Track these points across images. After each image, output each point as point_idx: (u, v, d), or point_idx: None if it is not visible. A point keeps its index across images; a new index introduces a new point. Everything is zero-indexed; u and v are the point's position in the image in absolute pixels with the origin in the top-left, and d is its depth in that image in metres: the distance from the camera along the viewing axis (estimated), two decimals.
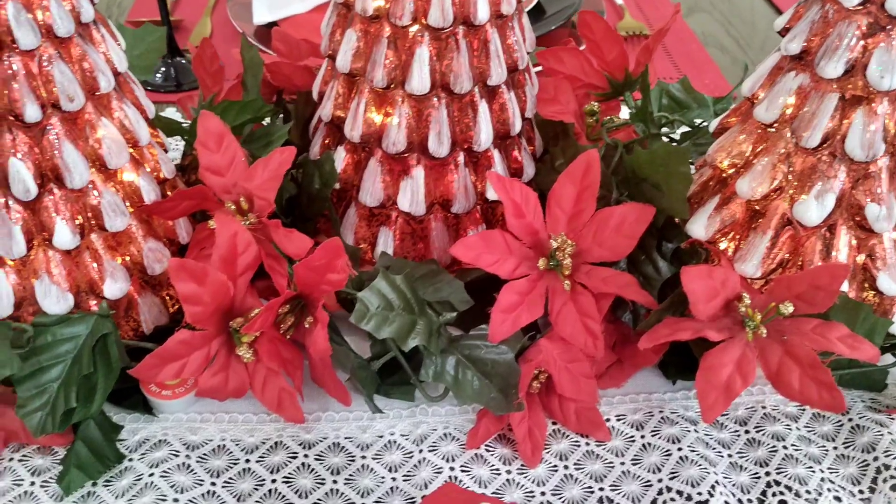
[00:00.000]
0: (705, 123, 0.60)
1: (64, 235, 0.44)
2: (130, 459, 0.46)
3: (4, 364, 0.42)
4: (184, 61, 0.78)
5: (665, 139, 0.58)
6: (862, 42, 0.42)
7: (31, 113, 0.41)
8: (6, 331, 0.44)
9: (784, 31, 0.46)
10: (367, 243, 0.56)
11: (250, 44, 0.57)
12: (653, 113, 0.57)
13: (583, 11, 0.57)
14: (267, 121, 0.59)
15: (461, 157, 0.52)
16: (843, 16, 0.42)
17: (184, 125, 0.56)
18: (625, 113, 0.64)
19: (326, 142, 0.56)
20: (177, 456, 0.46)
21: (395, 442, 0.48)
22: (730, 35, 0.92)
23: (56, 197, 0.44)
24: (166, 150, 0.51)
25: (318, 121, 0.57)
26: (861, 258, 0.47)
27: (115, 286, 0.47)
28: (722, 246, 0.50)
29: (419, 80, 0.49)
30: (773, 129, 0.46)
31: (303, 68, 0.59)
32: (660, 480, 0.46)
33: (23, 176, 0.42)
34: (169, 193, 0.50)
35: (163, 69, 0.78)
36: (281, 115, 0.61)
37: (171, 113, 0.74)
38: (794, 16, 0.46)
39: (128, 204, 0.47)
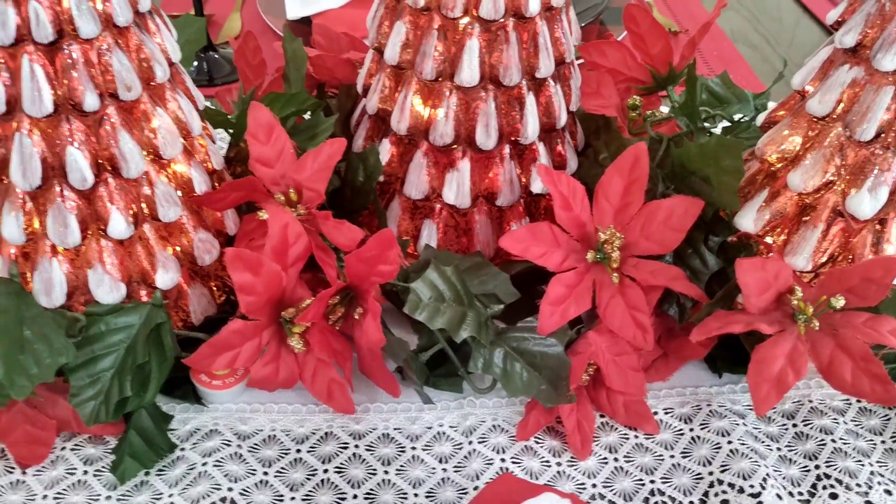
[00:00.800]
0: (746, 118, 0.60)
1: (119, 225, 0.44)
2: (182, 449, 0.46)
3: (61, 352, 0.42)
4: (216, 55, 0.79)
5: (708, 134, 0.58)
6: None
7: (90, 102, 0.41)
8: (61, 319, 0.44)
9: (837, 25, 0.46)
10: (409, 236, 0.56)
11: (293, 37, 0.57)
12: (696, 102, 0.57)
13: (629, 4, 0.57)
14: (308, 115, 0.59)
15: (507, 150, 0.52)
16: None
17: (229, 117, 0.56)
18: (664, 107, 0.64)
19: (370, 135, 0.56)
20: (228, 445, 0.46)
21: (444, 433, 0.48)
22: (758, 32, 0.92)
23: (111, 186, 0.44)
24: (214, 141, 0.51)
25: (361, 113, 0.57)
26: None
27: (166, 276, 0.47)
28: (769, 240, 0.50)
29: (469, 72, 0.49)
30: (826, 123, 0.46)
31: (345, 61, 0.59)
32: (710, 473, 0.46)
33: (80, 165, 0.42)
34: (217, 185, 0.50)
35: (195, 63, 0.78)
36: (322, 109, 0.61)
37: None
38: (847, 9, 0.46)
39: (179, 194, 0.47)
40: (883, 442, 0.48)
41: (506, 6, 0.47)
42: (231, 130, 0.56)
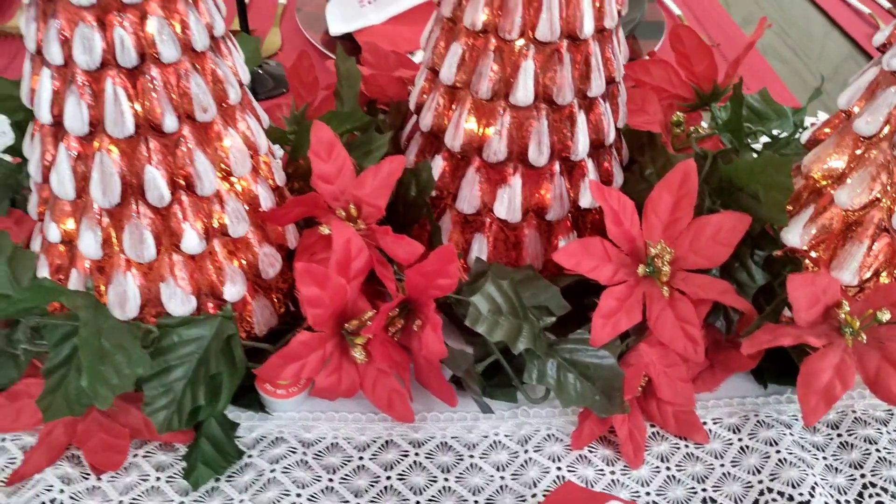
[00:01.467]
0: (785, 134, 0.62)
1: (192, 240, 0.46)
2: (250, 456, 0.48)
3: (138, 362, 0.44)
4: (260, 70, 0.80)
5: (752, 151, 0.60)
6: None
7: (169, 123, 0.43)
8: (136, 331, 0.46)
9: (883, 48, 0.48)
10: (460, 249, 0.58)
11: (346, 56, 0.59)
12: (738, 122, 0.58)
13: (676, 25, 0.59)
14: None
15: (557, 167, 0.54)
16: None
17: (287, 131, 0.58)
18: (704, 122, 0.66)
19: (423, 150, 0.57)
20: (294, 453, 0.48)
21: (500, 442, 0.49)
22: (787, 46, 0.93)
23: (185, 204, 0.46)
24: (275, 157, 0.53)
25: (413, 129, 0.59)
26: None
27: (234, 289, 0.49)
28: (814, 255, 0.52)
29: (524, 92, 0.50)
30: (872, 142, 0.48)
31: (397, 79, 0.61)
32: (760, 482, 0.47)
33: (158, 183, 0.44)
34: (279, 200, 0.52)
35: None
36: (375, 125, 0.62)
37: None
38: (893, 32, 0.47)
39: (246, 208, 0.49)
40: None
41: (561, 28, 0.49)
42: (289, 146, 0.58)
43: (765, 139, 0.63)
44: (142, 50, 0.41)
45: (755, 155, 0.63)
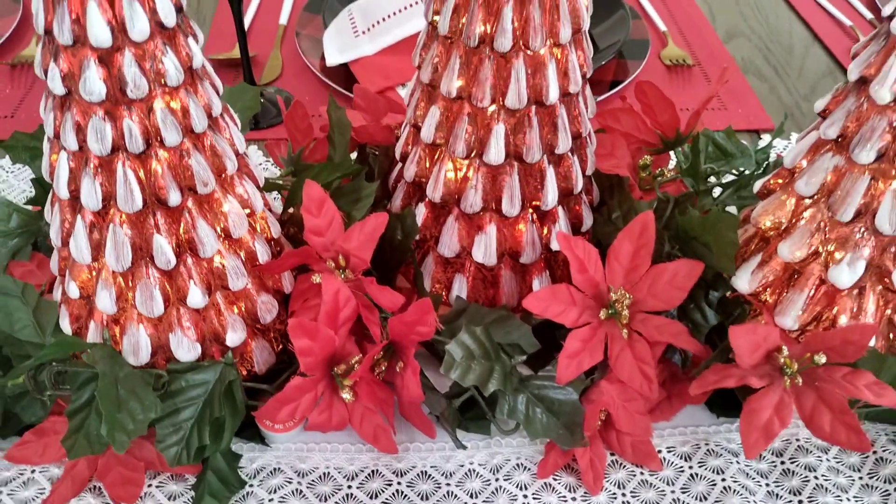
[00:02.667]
0: (748, 172, 0.66)
1: (196, 297, 0.51)
2: (251, 485, 0.54)
3: (150, 408, 0.50)
4: (262, 99, 0.85)
5: (713, 193, 0.64)
6: (891, 134, 0.48)
7: (174, 198, 0.48)
8: (148, 377, 0.51)
9: (824, 113, 0.52)
10: (441, 285, 0.63)
11: (338, 106, 0.64)
12: (701, 165, 0.63)
13: (640, 81, 0.63)
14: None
15: (529, 215, 0.59)
16: (876, 110, 0.48)
17: (282, 182, 0.63)
18: (673, 163, 0.70)
19: (407, 197, 0.62)
20: (290, 483, 0.54)
21: (474, 471, 0.55)
22: (768, 62, 0.97)
23: (189, 265, 0.51)
24: (271, 210, 0.58)
25: (398, 176, 0.64)
26: (888, 313, 0.53)
27: (235, 336, 0.54)
28: (766, 295, 0.56)
29: (496, 152, 0.55)
30: (812, 201, 0.52)
31: (385, 127, 0.65)
32: None
33: (164, 250, 0.49)
34: (275, 249, 0.58)
35: None
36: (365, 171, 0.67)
37: (253, 151, 0.81)
38: (832, 100, 0.52)
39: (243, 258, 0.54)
40: (860, 478, 0.55)
41: (529, 96, 0.54)
42: (284, 195, 0.63)
43: (730, 176, 0.68)
44: (148, 137, 0.47)
45: (716, 193, 0.68)
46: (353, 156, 0.69)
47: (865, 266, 0.51)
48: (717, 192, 0.69)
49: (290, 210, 0.63)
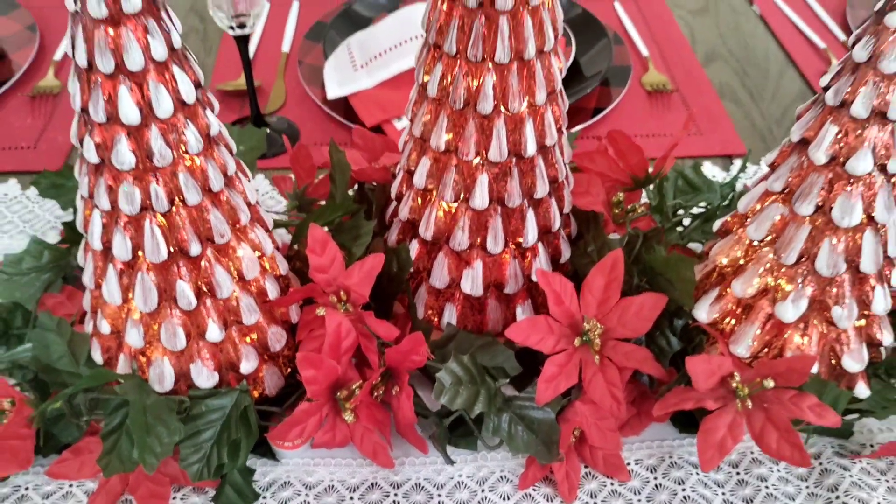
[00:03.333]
0: (712, 206, 0.73)
1: (214, 332, 0.58)
2: (264, 497, 0.60)
3: (175, 432, 0.57)
4: (269, 130, 0.91)
5: (683, 223, 0.71)
6: (827, 190, 0.54)
7: (194, 249, 0.55)
8: (172, 404, 0.58)
9: (772, 166, 0.58)
10: (434, 311, 0.70)
11: (339, 149, 0.70)
12: (667, 204, 0.69)
13: (611, 130, 0.69)
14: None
15: (512, 251, 0.65)
16: (814, 169, 0.54)
17: (288, 220, 0.70)
18: (645, 198, 0.76)
19: (402, 232, 0.69)
20: (299, 495, 0.61)
21: (462, 483, 0.62)
22: (744, 86, 1.03)
23: (208, 305, 0.58)
24: (279, 248, 0.65)
25: (394, 213, 0.70)
26: (829, 344, 0.60)
27: (248, 364, 0.61)
28: (721, 326, 0.63)
29: (480, 198, 0.62)
30: (761, 245, 0.59)
31: (381, 169, 0.72)
32: None
33: (186, 294, 0.56)
34: (284, 285, 0.64)
35: None
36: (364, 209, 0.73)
37: (260, 180, 0.87)
38: (780, 154, 0.58)
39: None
40: (807, 487, 0.62)
41: (509, 150, 0.60)
42: (290, 232, 0.70)
43: (698, 208, 0.74)
44: (172, 197, 0.53)
45: (687, 221, 0.74)
46: (355, 188, 0.75)
47: (808, 303, 0.57)
48: (688, 220, 0.75)
49: (296, 246, 0.69)
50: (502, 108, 0.58)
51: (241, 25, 0.82)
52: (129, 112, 0.49)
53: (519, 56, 0.56)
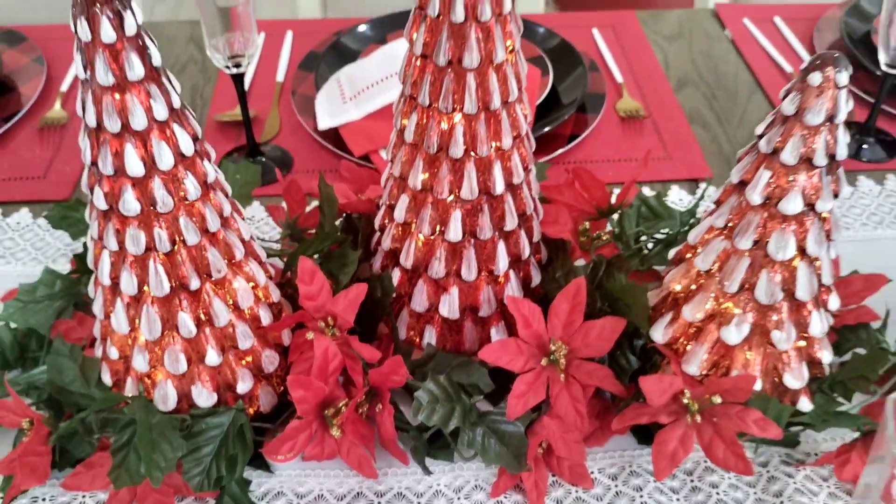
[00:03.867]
0: (672, 233, 0.79)
1: (213, 357, 0.64)
2: None
3: (178, 448, 0.63)
4: (263, 159, 0.97)
5: (648, 246, 0.77)
6: (763, 228, 0.60)
7: (194, 284, 0.61)
8: (175, 422, 0.64)
9: (717, 203, 0.64)
10: (415, 332, 0.76)
11: (327, 184, 0.76)
12: (627, 233, 0.75)
13: (575, 167, 0.75)
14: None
15: (485, 278, 0.71)
16: (752, 209, 0.60)
17: (280, 250, 0.76)
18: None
19: (385, 260, 0.75)
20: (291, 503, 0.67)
21: (440, 491, 0.68)
22: (713, 110, 1.09)
23: (207, 333, 0.64)
24: (272, 277, 0.71)
25: (377, 242, 0.76)
26: (771, 364, 0.66)
27: (244, 385, 0.67)
28: (676, 346, 0.69)
29: (454, 232, 0.68)
30: (708, 275, 0.65)
31: (367, 202, 0.78)
32: None
33: (187, 324, 0.62)
34: (276, 311, 0.70)
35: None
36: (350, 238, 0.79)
37: (256, 207, 0.94)
38: (723, 193, 0.64)
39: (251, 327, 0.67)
40: (755, 493, 0.68)
41: (479, 189, 0.66)
42: (284, 260, 0.76)
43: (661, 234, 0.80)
44: (173, 239, 0.59)
45: (647, 249, 0.80)
46: (343, 216, 0.81)
47: (750, 328, 0.63)
48: (653, 244, 0.81)
49: (289, 274, 0.75)
50: (472, 153, 0.64)
51: (237, 65, 0.88)
52: (134, 166, 0.55)
53: (486, 107, 0.62)
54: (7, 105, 1.06)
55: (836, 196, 0.60)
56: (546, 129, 0.98)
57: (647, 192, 0.96)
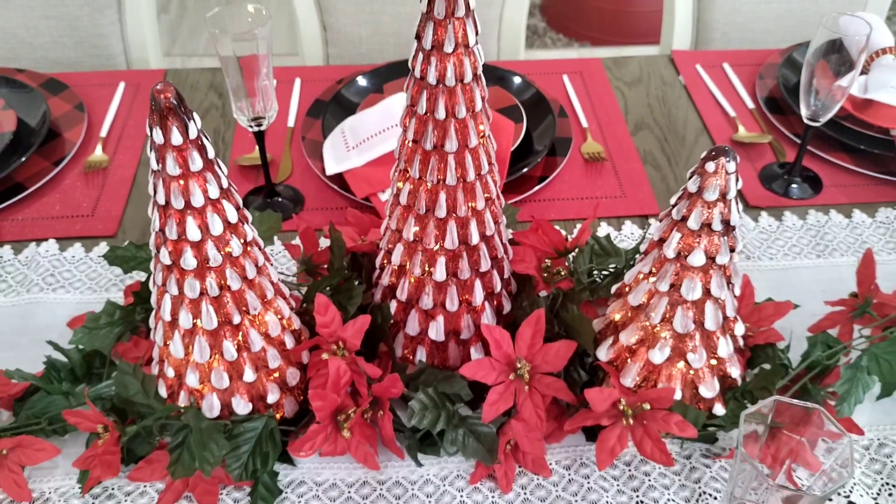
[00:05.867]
0: (619, 267, 0.96)
1: (249, 375, 0.81)
2: (286, 493, 0.84)
3: (222, 447, 0.80)
4: (280, 199, 1.15)
5: (600, 279, 0.94)
6: (677, 275, 0.77)
7: (236, 319, 0.78)
8: (220, 427, 0.81)
9: (645, 253, 0.82)
10: (409, 351, 0.93)
11: (336, 230, 0.93)
12: (581, 270, 0.93)
13: (536, 220, 0.93)
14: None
15: (465, 309, 0.89)
16: (668, 261, 0.77)
17: (297, 284, 0.93)
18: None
19: (385, 292, 0.92)
20: (311, 490, 0.84)
21: (430, 480, 0.85)
22: (664, 152, 1.26)
23: (245, 356, 0.81)
24: (293, 308, 0.88)
25: (378, 278, 0.93)
26: (690, 378, 0.83)
27: (272, 396, 0.84)
28: (616, 363, 0.86)
29: (440, 273, 0.85)
30: (638, 308, 0.82)
31: (369, 243, 0.95)
32: (576, 501, 0.83)
33: (230, 350, 0.79)
34: (297, 336, 0.87)
35: (263, 208, 1.14)
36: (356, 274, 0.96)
37: (276, 243, 1.10)
38: (649, 245, 0.81)
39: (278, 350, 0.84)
40: (679, 479, 0.85)
41: (459, 241, 0.83)
42: (302, 293, 0.93)
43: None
44: (221, 286, 0.76)
45: (600, 279, 0.97)
46: (349, 255, 0.98)
47: (670, 351, 0.81)
48: (604, 276, 0.98)
49: (306, 304, 0.92)
50: (453, 213, 0.81)
51: (259, 124, 1.05)
52: (193, 233, 0.72)
53: (463, 179, 0.79)
54: (55, 150, 1.23)
55: (732, 250, 0.77)
56: (519, 173, 1.16)
57: (605, 226, 1.13)
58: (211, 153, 0.71)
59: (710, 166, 0.72)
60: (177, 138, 0.68)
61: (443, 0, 0.69)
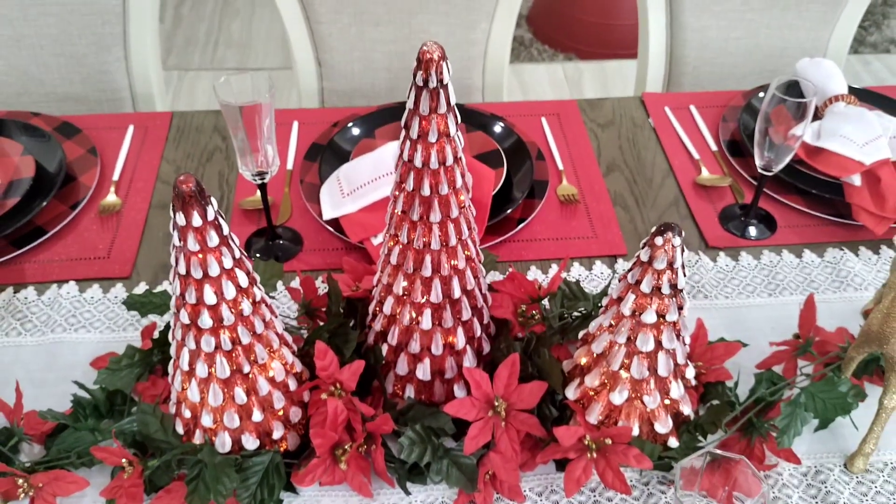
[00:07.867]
0: (587, 311, 1.07)
1: (257, 415, 0.92)
2: None
3: (233, 480, 0.91)
4: (280, 241, 1.25)
5: (573, 321, 1.05)
6: (632, 330, 0.88)
7: (246, 369, 0.89)
8: (231, 461, 0.92)
9: (605, 308, 0.93)
10: (398, 388, 1.04)
11: (334, 279, 1.04)
12: (552, 314, 1.04)
13: (511, 272, 1.03)
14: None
15: (449, 352, 1.00)
16: (625, 317, 0.89)
17: (299, 328, 1.04)
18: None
19: (377, 336, 1.03)
20: None
21: None
22: (633, 194, 1.37)
23: (253, 399, 0.92)
24: (295, 353, 0.99)
25: (371, 323, 1.04)
26: (646, 416, 0.95)
27: (277, 433, 0.95)
28: (583, 402, 0.97)
29: (426, 323, 0.96)
30: (602, 355, 0.93)
31: (363, 291, 1.06)
32: None
33: (240, 395, 0.90)
34: (299, 377, 0.98)
35: (265, 249, 1.24)
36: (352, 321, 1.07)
37: (278, 285, 1.21)
38: (609, 302, 0.92)
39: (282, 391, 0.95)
40: None
41: (443, 295, 0.94)
42: (304, 336, 1.04)
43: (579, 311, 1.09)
44: (233, 340, 0.87)
45: (572, 319, 1.08)
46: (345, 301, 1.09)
47: (628, 393, 0.92)
48: (574, 318, 1.09)
49: (306, 347, 1.03)
50: (437, 272, 0.92)
51: (262, 177, 1.15)
52: (210, 298, 0.83)
53: (446, 243, 0.90)
54: (71, 194, 1.32)
55: (681, 309, 0.88)
56: (500, 216, 1.26)
57: (577, 266, 1.24)
58: (226, 230, 0.82)
59: (659, 240, 0.83)
60: (197, 220, 0.78)
61: (427, 100, 0.79)
